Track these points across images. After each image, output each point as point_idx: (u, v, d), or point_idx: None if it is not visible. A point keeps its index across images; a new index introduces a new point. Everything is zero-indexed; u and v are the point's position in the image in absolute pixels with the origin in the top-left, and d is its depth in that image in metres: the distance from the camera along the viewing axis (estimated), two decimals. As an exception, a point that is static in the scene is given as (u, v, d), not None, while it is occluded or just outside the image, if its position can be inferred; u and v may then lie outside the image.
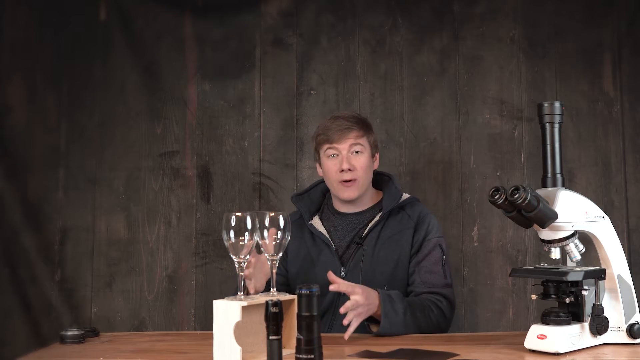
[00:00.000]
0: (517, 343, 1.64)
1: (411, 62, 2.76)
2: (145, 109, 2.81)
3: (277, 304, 1.33)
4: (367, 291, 1.83)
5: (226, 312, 1.50)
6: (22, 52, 2.83)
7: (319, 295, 1.35)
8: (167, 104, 2.81)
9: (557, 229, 1.60)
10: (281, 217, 1.57)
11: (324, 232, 2.15)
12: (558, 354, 1.54)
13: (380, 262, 2.08)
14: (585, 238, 1.66)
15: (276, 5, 2.82)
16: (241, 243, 1.52)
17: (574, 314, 1.61)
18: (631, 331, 1.63)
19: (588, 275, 1.59)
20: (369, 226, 2.13)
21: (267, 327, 1.33)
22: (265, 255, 1.59)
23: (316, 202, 2.25)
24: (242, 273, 1.66)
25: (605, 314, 1.61)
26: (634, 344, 1.63)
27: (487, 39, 2.73)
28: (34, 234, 2.75)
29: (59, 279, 2.74)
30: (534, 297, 1.67)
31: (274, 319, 1.33)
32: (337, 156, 2.11)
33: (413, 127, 2.74)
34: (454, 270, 2.62)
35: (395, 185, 2.19)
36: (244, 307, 1.48)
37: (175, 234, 2.77)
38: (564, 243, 1.62)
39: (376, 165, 2.21)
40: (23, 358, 1.67)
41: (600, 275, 1.63)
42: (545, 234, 1.63)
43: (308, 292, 1.34)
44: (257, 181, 2.77)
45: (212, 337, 1.52)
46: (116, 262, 2.76)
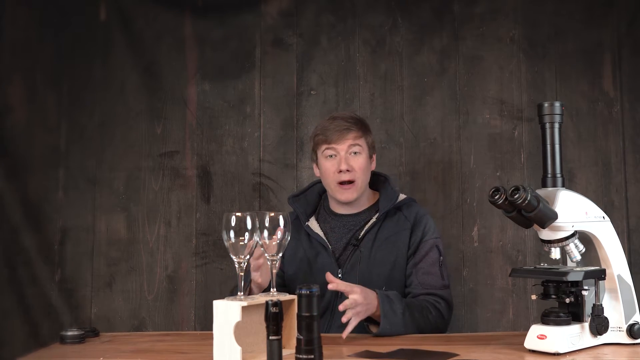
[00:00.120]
0: (517, 343, 1.64)
1: (411, 62, 2.76)
2: (145, 109, 2.81)
3: (277, 304, 1.33)
4: (365, 291, 1.83)
5: (226, 312, 1.50)
6: (22, 52, 2.83)
7: (319, 295, 1.35)
8: (167, 104, 2.81)
9: (557, 229, 1.60)
10: (281, 217, 1.57)
11: (320, 233, 2.14)
12: (558, 354, 1.54)
13: (377, 264, 2.07)
14: (585, 238, 1.66)
15: (276, 5, 2.82)
16: (241, 243, 1.52)
17: (574, 314, 1.61)
18: (631, 331, 1.63)
19: (588, 275, 1.59)
20: (365, 227, 2.12)
21: (267, 327, 1.33)
22: (266, 255, 1.59)
23: (312, 203, 2.24)
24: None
25: (605, 314, 1.61)
26: (634, 344, 1.63)
27: (487, 39, 2.73)
28: (34, 234, 2.75)
29: (59, 279, 2.74)
30: (534, 297, 1.67)
31: (274, 319, 1.33)
32: (335, 157, 2.10)
33: (413, 127, 2.73)
34: (454, 271, 2.63)
35: (391, 186, 2.18)
36: (244, 307, 1.48)
37: (175, 234, 2.77)
38: (564, 243, 1.62)
39: (373, 166, 2.21)
40: (23, 358, 1.67)
41: (600, 275, 1.63)
42: (545, 234, 1.63)
43: (308, 292, 1.34)
44: (257, 181, 2.77)
45: (212, 337, 1.52)
46: (116, 262, 2.76)
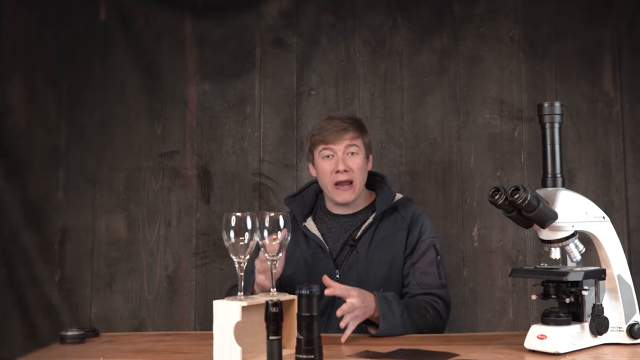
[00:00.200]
0: (517, 343, 1.64)
1: (411, 62, 2.75)
2: (145, 109, 2.81)
3: (277, 304, 1.33)
4: (363, 294, 1.82)
5: (226, 312, 1.50)
6: (22, 52, 2.83)
7: (319, 295, 1.35)
8: (167, 104, 2.81)
9: (557, 229, 1.60)
10: (281, 217, 1.57)
11: (317, 234, 2.13)
12: (558, 354, 1.54)
13: (374, 264, 2.07)
14: (585, 238, 1.66)
15: (276, 5, 2.82)
16: (241, 243, 1.52)
17: (574, 314, 1.61)
18: (631, 331, 1.63)
19: (588, 275, 1.59)
20: (362, 228, 2.11)
21: (267, 327, 1.33)
22: (266, 255, 1.59)
23: (309, 203, 2.23)
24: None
25: (605, 314, 1.61)
26: (634, 344, 1.63)
27: (487, 39, 2.73)
28: (33, 234, 2.75)
29: (58, 279, 2.74)
30: (534, 297, 1.67)
31: (274, 319, 1.33)
32: (332, 157, 2.09)
33: (413, 127, 2.73)
34: (454, 271, 2.63)
35: (388, 186, 2.17)
36: (244, 307, 1.48)
37: (175, 234, 2.77)
38: (564, 243, 1.62)
39: (370, 166, 2.20)
40: (23, 358, 1.67)
41: (600, 275, 1.63)
42: (545, 234, 1.63)
43: (308, 292, 1.34)
44: (257, 181, 2.77)
45: (212, 337, 1.52)
46: (116, 262, 2.76)
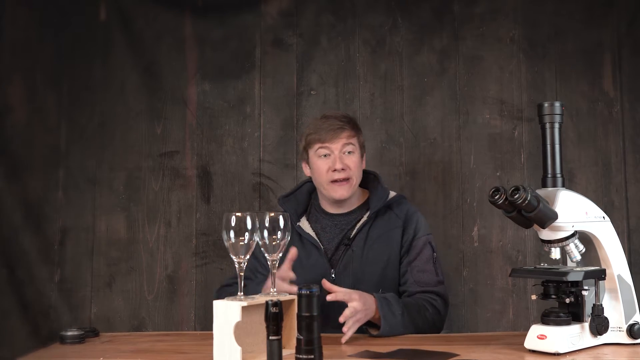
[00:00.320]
0: (517, 343, 1.64)
1: (411, 62, 2.75)
2: (145, 109, 2.81)
3: (277, 304, 1.33)
4: (364, 297, 1.83)
5: (226, 312, 1.50)
6: (22, 52, 2.82)
7: (319, 295, 1.35)
8: (167, 104, 2.81)
9: (557, 229, 1.60)
10: (281, 217, 1.57)
11: (312, 234, 2.13)
12: (558, 354, 1.54)
13: (369, 263, 2.07)
14: (585, 238, 1.66)
15: (276, 5, 2.82)
16: (241, 243, 1.52)
17: (574, 314, 1.61)
18: (631, 331, 1.63)
19: (588, 275, 1.59)
20: (357, 227, 2.11)
21: (267, 327, 1.33)
22: (266, 255, 1.59)
23: (303, 202, 2.22)
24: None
25: (605, 314, 1.61)
26: (634, 344, 1.63)
27: (487, 39, 2.73)
28: (33, 234, 2.74)
29: (58, 279, 2.74)
30: (534, 297, 1.67)
31: (274, 319, 1.33)
32: (329, 156, 2.09)
33: (413, 127, 2.73)
34: (454, 270, 2.63)
35: (381, 184, 2.18)
36: (244, 307, 1.48)
37: (175, 234, 2.77)
38: (564, 243, 1.62)
39: (364, 165, 2.20)
40: (23, 358, 1.67)
41: (600, 275, 1.63)
42: (545, 234, 1.63)
43: (308, 292, 1.34)
44: (257, 181, 2.77)
45: (212, 337, 1.52)
46: (116, 262, 2.76)
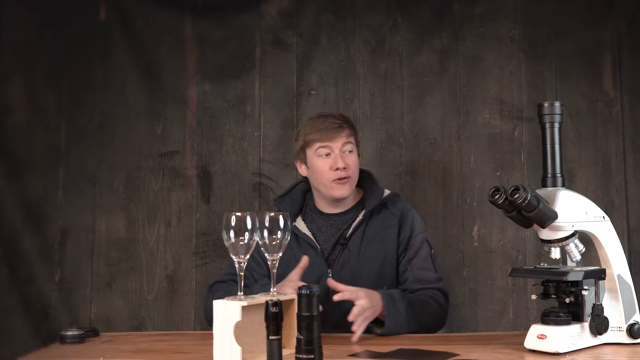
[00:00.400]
0: (517, 343, 1.64)
1: (411, 62, 2.75)
2: (145, 109, 2.81)
3: (277, 304, 1.33)
4: (370, 294, 1.84)
5: (226, 312, 1.50)
6: (22, 52, 2.82)
7: (319, 295, 1.35)
8: (167, 104, 2.81)
9: (557, 229, 1.60)
10: (281, 217, 1.57)
11: (308, 233, 2.13)
12: (558, 354, 1.54)
13: (366, 262, 2.07)
14: (585, 238, 1.66)
15: (276, 5, 2.82)
16: (241, 243, 1.52)
17: (574, 314, 1.61)
18: (631, 331, 1.63)
19: (588, 275, 1.59)
20: (352, 226, 2.11)
21: (267, 327, 1.33)
22: (266, 255, 1.59)
23: (298, 202, 2.21)
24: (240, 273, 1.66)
25: (605, 314, 1.61)
26: (634, 344, 1.63)
27: (487, 39, 2.73)
28: (33, 234, 2.74)
29: (58, 279, 2.74)
30: (534, 297, 1.67)
31: (274, 319, 1.33)
32: (330, 155, 2.08)
33: (413, 127, 2.73)
34: (454, 270, 2.63)
35: (376, 183, 2.18)
36: (244, 307, 1.48)
37: (175, 234, 2.77)
38: (564, 243, 1.62)
39: (360, 165, 2.20)
40: (23, 358, 1.67)
41: (600, 275, 1.63)
42: (545, 234, 1.63)
43: (308, 292, 1.34)
44: (257, 181, 2.77)
45: (212, 337, 1.52)
46: (116, 262, 2.76)
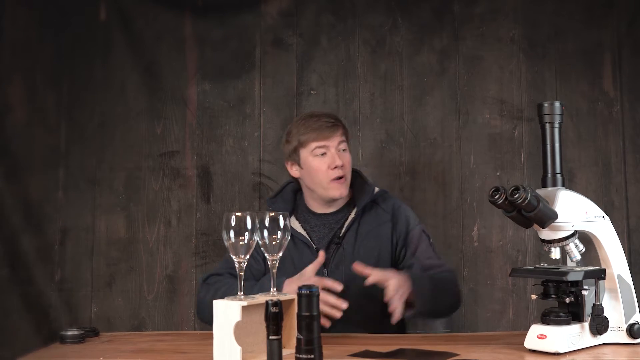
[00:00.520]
0: (517, 343, 1.64)
1: (411, 62, 2.76)
2: (145, 109, 2.81)
3: (277, 304, 1.33)
4: (397, 274, 1.88)
5: (226, 312, 1.50)
6: (22, 52, 2.83)
7: (318, 295, 1.35)
8: (167, 104, 2.81)
9: (557, 229, 1.60)
10: (281, 217, 1.57)
11: (304, 233, 2.12)
12: (558, 354, 1.54)
13: (361, 259, 2.05)
14: (585, 238, 1.66)
15: (276, 5, 2.82)
16: (241, 243, 1.52)
17: (574, 314, 1.60)
18: (631, 331, 1.63)
19: (588, 275, 1.59)
20: (345, 225, 2.11)
21: (267, 327, 1.33)
22: (266, 255, 1.59)
23: (290, 202, 2.20)
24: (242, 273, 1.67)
25: (605, 313, 1.61)
26: (634, 343, 1.63)
27: (487, 39, 2.73)
28: (34, 234, 2.75)
29: (59, 279, 2.74)
30: (534, 297, 1.66)
31: (274, 319, 1.33)
32: (326, 154, 2.07)
33: (413, 127, 2.74)
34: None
35: (365, 180, 2.18)
36: (244, 307, 1.48)
37: (175, 234, 2.77)
38: (564, 243, 1.62)
39: None
40: (23, 358, 1.67)
41: (600, 275, 1.63)
42: (545, 234, 1.62)
43: (308, 292, 1.34)
44: (257, 181, 2.77)
45: (212, 337, 1.52)
46: (116, 262, 2.76)
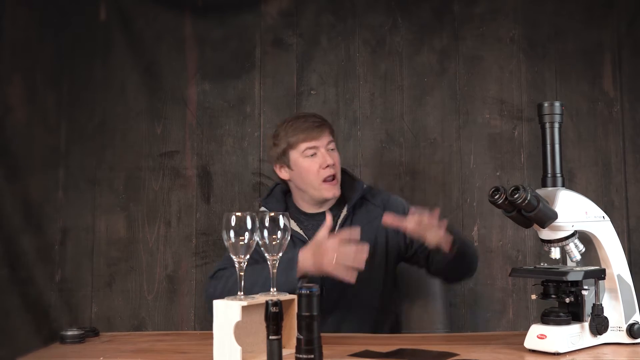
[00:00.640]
0: (517, 343, 1.64)
1: (411, 62, 2.76)
2: (145, 109, 2.81)
3: (277, 304, 1.33)
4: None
5: (226, 312, 1.50)
6: (22, 52, 2.83)
7: (319, 295, 1.35)
8: (167, 104, 2.81)
9: (557, 229, 1.60)
10: (281, 217, 1.57)
11: (301, 232, 2.12)
12: (558, 354, 1.54)
13: None
14: (585, 238, 1.66)
15: (276, 5, 2.82)
16: (241, 243, 1.52)
17: (574, 314, 1.60)
18: (631, 331, 1.63)
19: (588, 275, 1.59)
20: (338, 223, 2.11)
21: (267, 327, 1.33)
22: (266, 255, 1.59)
23: (282, 202, 2.20)
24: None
25: (605, 313, 1.61)
26: (634, 343, 1.63)
27: (487, 39, 2.74)
28: (34, 234, 2.75)
29: (59, 279, 2.74)
30: (534, 297, 1.66)
31: (274, 318, 1.33)
32: (316, 155, 2.08)
33: (413, 127, 2.74)
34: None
35: (352, 177, 2.18)
36: (244, 307, 1.48)
37: (175, 234, 2.77)
38: (564, 243, 1.62)
39: None
40: (23, 358, 1.67)
41: (600, 275, 1.63)
42: (545, 234, 1.62)
43: (308, 292, 1.34)
44: (257, 181, 2.77)
45: (212, 337, 1.52)
46: (116, 262, 2.76)
